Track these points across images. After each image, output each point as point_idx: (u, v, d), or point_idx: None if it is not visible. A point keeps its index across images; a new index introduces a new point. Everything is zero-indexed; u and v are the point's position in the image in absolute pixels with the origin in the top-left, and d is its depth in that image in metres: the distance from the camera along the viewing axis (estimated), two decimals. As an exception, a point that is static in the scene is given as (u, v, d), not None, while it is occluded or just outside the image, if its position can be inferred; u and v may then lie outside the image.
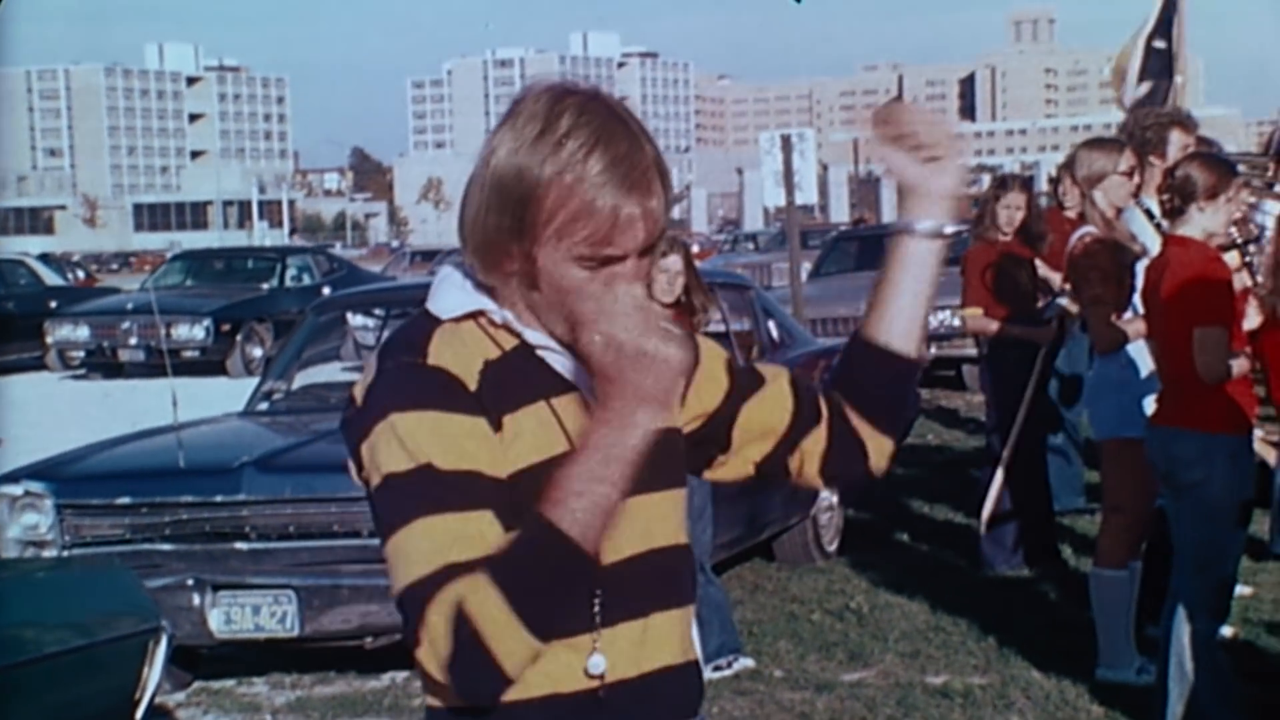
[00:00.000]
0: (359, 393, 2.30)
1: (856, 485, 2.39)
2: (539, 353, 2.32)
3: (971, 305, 9.36)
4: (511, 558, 2.14)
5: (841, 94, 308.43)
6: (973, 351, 17.45)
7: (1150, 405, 6.54)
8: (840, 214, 74.94)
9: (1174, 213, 6.30)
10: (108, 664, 5.10)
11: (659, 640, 2.38)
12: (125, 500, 7.38)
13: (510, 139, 2.27)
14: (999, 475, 9.19)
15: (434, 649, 2.14)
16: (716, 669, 7.39)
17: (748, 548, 9.28)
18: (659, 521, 2.39)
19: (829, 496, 9.87)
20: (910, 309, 2.52)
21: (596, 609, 2.30)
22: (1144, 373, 6.97)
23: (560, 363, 2.33)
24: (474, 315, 2.31)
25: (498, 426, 2.25)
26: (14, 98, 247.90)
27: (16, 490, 7.47)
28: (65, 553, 7.31)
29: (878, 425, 2.56)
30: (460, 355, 2.27)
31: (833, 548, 9.87)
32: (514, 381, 2.28)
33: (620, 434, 2.15)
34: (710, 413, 2.52)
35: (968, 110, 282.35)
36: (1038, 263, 9.35)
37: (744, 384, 2.56)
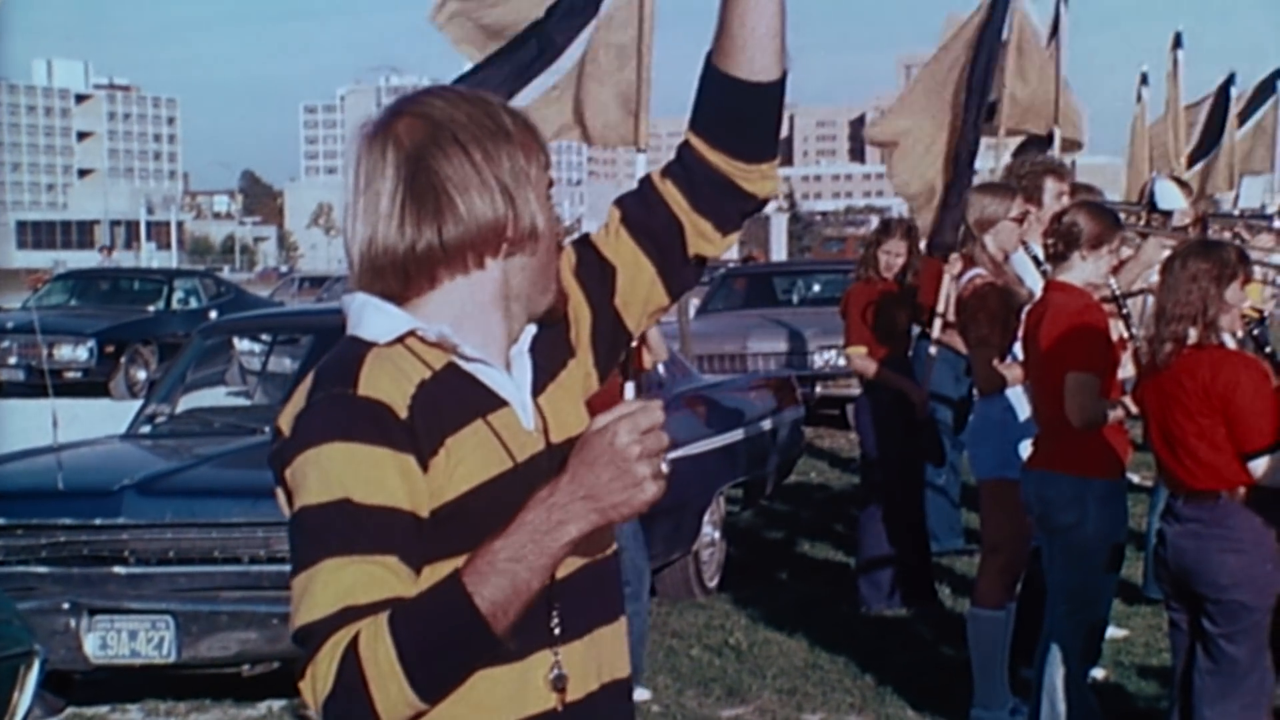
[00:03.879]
0: (285, 424, 2.28)
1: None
2: (471, 368, 2.32)
3: (855, 344, 9.47)
4: (415, 613, 2.14)
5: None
6: (857, 391, 17.65)
7: (1027, 449, 6.64)
8: (730, 251, 75.27)
9: (1057, 258, 6.42)
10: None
11: (606, 655, 2.41)
12: (1, 521, 7.28)
13: (466, 126, 2.32)
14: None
15: (315, 685, 2.14)
16: None
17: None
18: (599, 530, 2.37)
19: (711, 532, 9.92)
20: (769, 28, 2.48)
21: (555, 623, 2.31)
22: (1023, 416, 7.07)
23: (494, 378, 2.34)
24: (404, 337, 2.31)
25: (432, 453, 2.24)
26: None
27: (-112, 510, 7.35)
28: (-63, 574, 7.20)
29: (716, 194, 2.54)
30: (393, 381, 2.25)
31: (713, 583, 9.91)
32: (449, 403, 2.28)
33: (556, 526, 2.15)
34: (592, 333, 2.55)
35: (858, 152, 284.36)
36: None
37: (597, 286, 2.55)
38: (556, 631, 2.32)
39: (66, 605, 7.10)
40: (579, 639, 2.35)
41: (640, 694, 7.57)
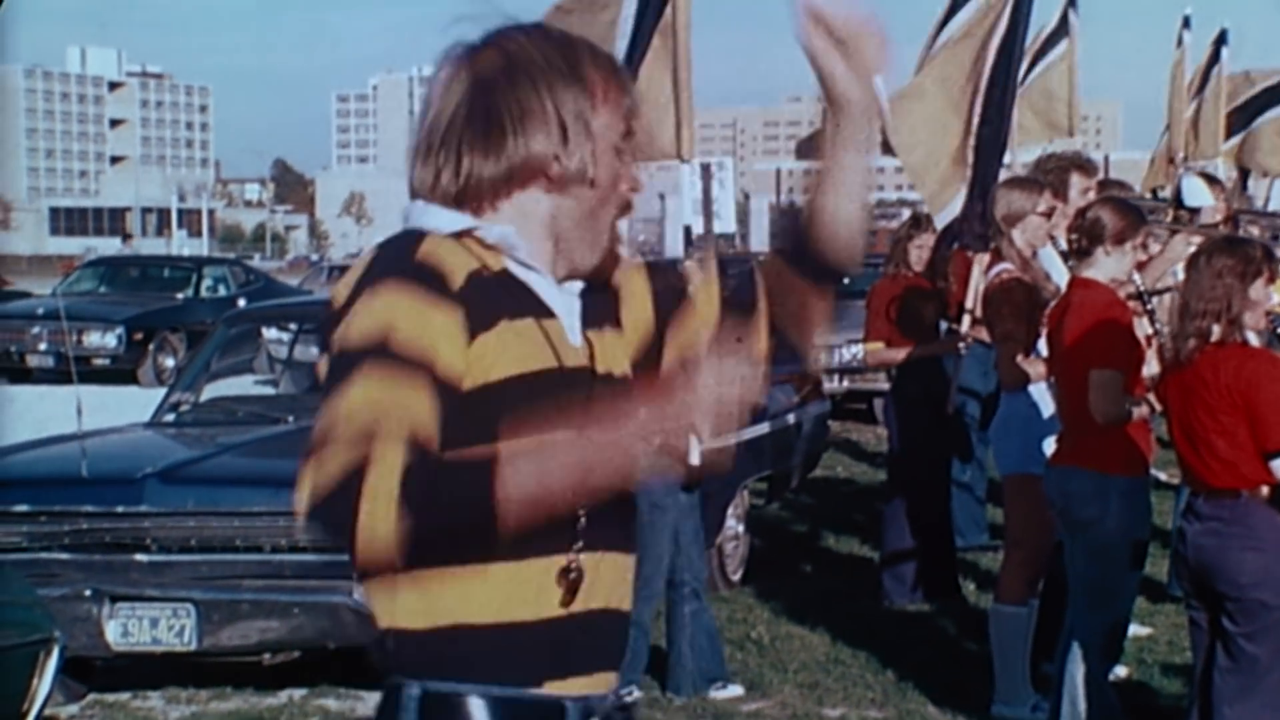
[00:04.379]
0: (341, 292, 2.30)
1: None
2: (525, 276, 2.36)
3: (873, 339, 9.44)
4: (435, 470, 2.17)
5: (765, 124, 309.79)
6: (885, 385, 17.61)
7: (1051, 445, 6.62)
8: (761, 243, 75.10)
9: (1081, 254, 6.39)
10: (-4, 673, 5.06)
11: (615, 582, 2.42)
12: (24, 508, 7.30)
13: (537, 61, 2.36)
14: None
15: (317, 472, 2.16)
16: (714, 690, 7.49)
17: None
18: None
19: (735, 526, 9.91)
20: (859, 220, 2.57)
21: (580, 528, 2.33)
22: (1047, 412, 7.05)
23: (546, 290, 2.37)
24: (462, 234, 2.34)
25: (485, 328, 2.27)
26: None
27: (-91, 494, 7.38)
28: (-39, 560, 7.22)
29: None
30: (451, 257, 2.29)
31: (737, 577, 9.89)
32: (503, 296, 2.32)
33: (615, 452, 2.24)
34: (642, 342, 2.56)
35: (889, 145, 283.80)
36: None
37: (666, 304, 2.58)
38: (579, 543, 2.34)
39: (88, 592, 7.12)
40: (595, 553, 2.37)
41: (731, 690, 7.57)
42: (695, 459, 7.31)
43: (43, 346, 22.22)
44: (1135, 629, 8.23)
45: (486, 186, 2.35)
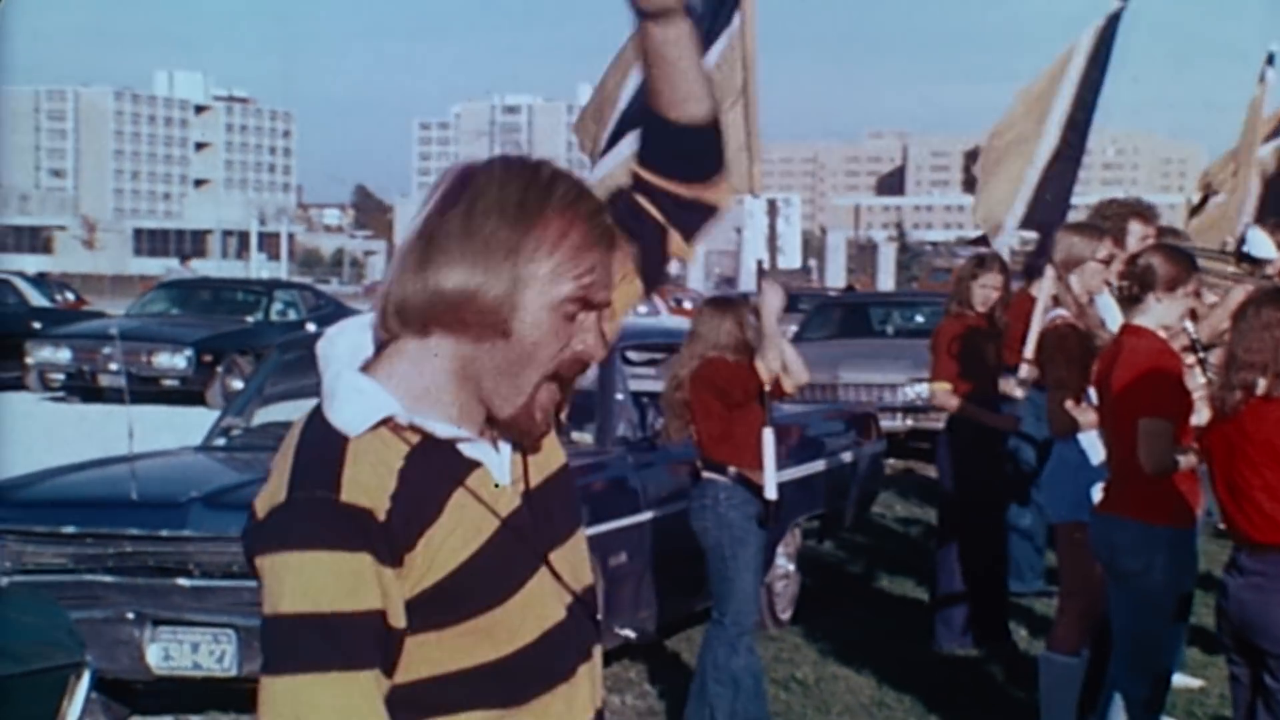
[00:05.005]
0: (261, 507, 2.26)
1: None
2: (446, 434, 2.29)
3: (939, 379, 9.36)
4: None
5: (846, 160, 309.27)
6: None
7: (1098, 493, 6.54)
8: (837, 278, 75.09)
9: (1131, 300, 6.32)
10: (25, 696, 5.07)
11: (584, 696, 2.41)
12: (70, 529, 7.32)
13: (491, 195, 2.26)
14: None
15: None
16: None
17: (697, 612, 9.24)
18: (581, 563, 2.44)
19: (786, 564, 9.85)
20: (692, 78, 2.55)
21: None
22: (1097, 460, 6.96)
23: (467, 447, 2.32)
24: (378, 425, 2.28)
25: (409, 548, 2.22)
26: (21, 116, 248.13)
27: (-41, 514, 7.43)
28: (6, 580, 7.26)
29: None
30: (374, 476, 2.23)
31: (786, 616, 9.83)
32: (429, 483, 2.27)
33: None
34: None
35: (971, 183, 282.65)
36: None
37: None
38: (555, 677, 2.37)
39: (131, 615, 7.14)
40: (560, 685, 2.38)
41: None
42: (771, 493, 7.28)
43: (114, 366, 22.40)
44: (1187, 681, 8.13)
45: (419, 309, 2.27)
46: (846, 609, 10.24)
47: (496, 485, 2.32)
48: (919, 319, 20.25)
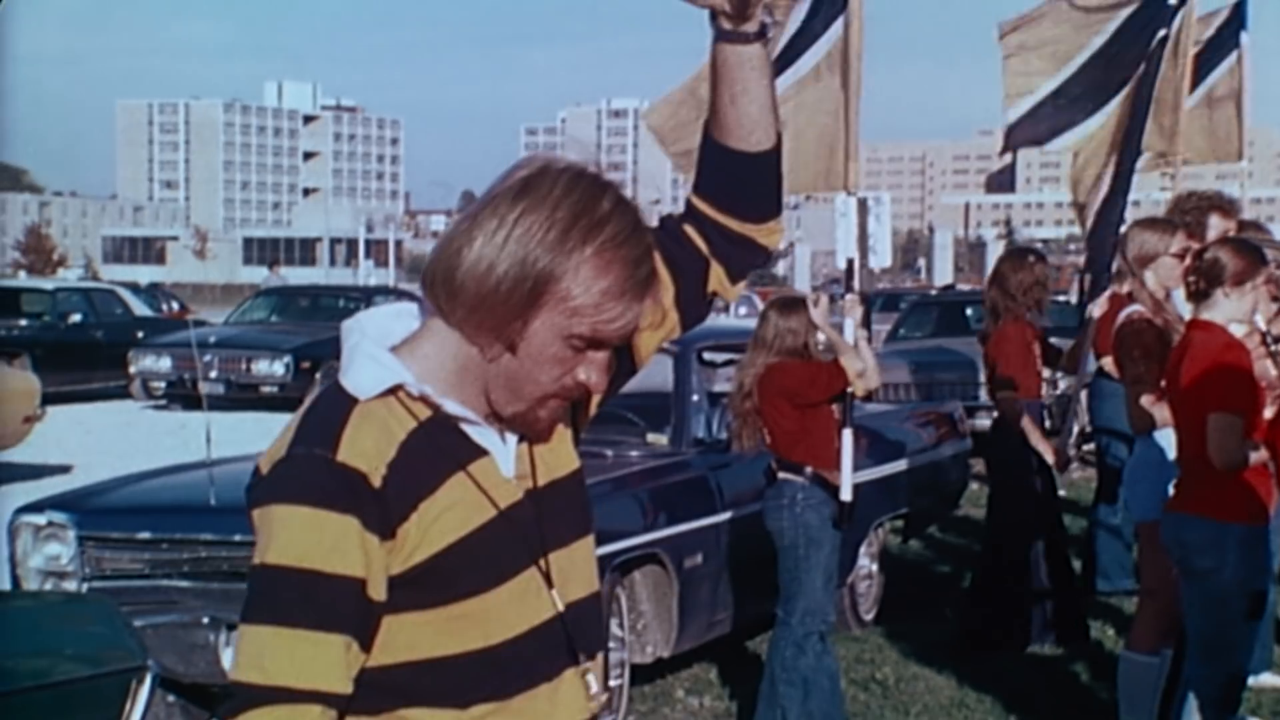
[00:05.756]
0: (265, 465, 2.30)
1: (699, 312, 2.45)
2: (455, 412, 2.31)
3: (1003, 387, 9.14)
4: None
5: (955, 158, 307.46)
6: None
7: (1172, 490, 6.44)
8: (945, 276, 74.64)
9: (1199, 295, 6.23)
10: (88, 701, 5.12)
11: (569, 699, 2.41)
12: (145, 535, 7.40)
13: (544, 209, 2.23)
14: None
15: None
16: None
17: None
18: (584, 569, 2.44)
19: (869, 564, 9.79)
20: (760, 105, 2.51)
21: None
22: (1175, 457, 6.87)
23: (475, 431, 2.33)
24: (390, 391, 2.30)
25: (402, 519, 2.24)
26: (136, 129, 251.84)
27: (40, 520, 7.53)
28: (85, 585, 7.35)
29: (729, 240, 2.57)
30: (375, 442, 2.26)
31: (870, 616, 9.78)
32: (430, 457, 2.28)
33: None
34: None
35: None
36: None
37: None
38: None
39: (206, 620, 7.20)
40: (543, 685, 2.39)
41: None
42: (846, 494, 7.25)
43: (214, 374, 22.66)
44: (1274, 680, 8.00)
45: (439, 286, 2.28)
46: (931, 609, 10.15)
47: (500, 476, 2.33)
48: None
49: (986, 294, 9.47)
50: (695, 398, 8.65)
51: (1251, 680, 7.90)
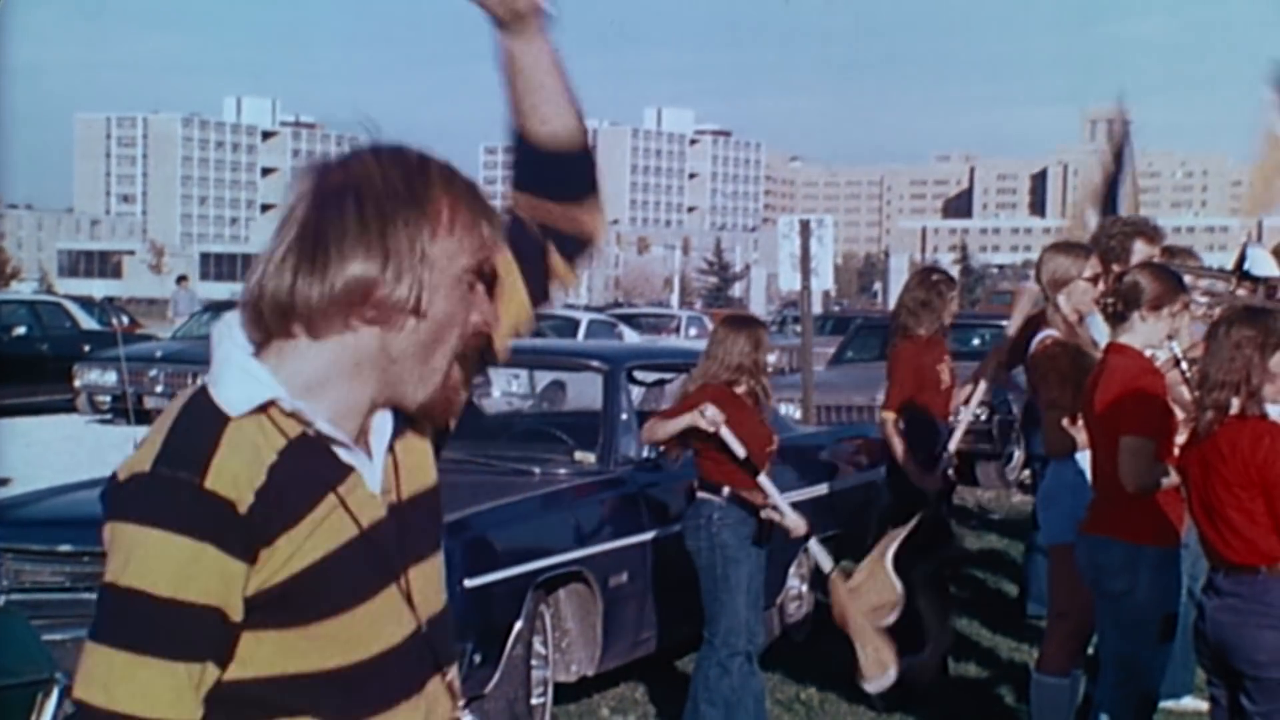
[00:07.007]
0: (124, 473, 2.25)
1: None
2: (325, 431, 2.28)
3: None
4: None
5: (912, 182, 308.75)
6: (985, 446, 17.32)
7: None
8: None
9: (1116, 318, 6.28)
10: (-8, 711, 5.09)
11: (436, 710, 2.41)
12: (67, 548, 7.36)
13: (375, 180, 2.27)
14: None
15: None
16: None
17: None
18: (437, 584, 2.44)
19: (798, 585, 9.81)
20: (558, 95, 2.56)
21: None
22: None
23: (343, 452, 2.31)
24: (262, 408, 2.27)
25: (266, 543, 2.22)
26: (93, 143, 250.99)
27: (-41, 532, 7.48)
28: (3, 598, 7.30)
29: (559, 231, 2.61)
30: (245, 464, 2.23)
31: (799, 637, 9.79)
32: (299, 479, 2.26)
33: None
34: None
35: (1038, 206, 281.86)
36: None
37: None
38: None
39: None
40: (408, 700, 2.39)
41: None
42: (787, 516, 7.28)
43: (160, 389, 22.54)
44: (1195, 703, 8.04)
45: (315, 309, 2.26)
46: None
47: (366, 493, 2.31)
48: (975, 341, 19.80)
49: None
50: (624, 416, 8.66)
51: (1173, 704, 7.96)
